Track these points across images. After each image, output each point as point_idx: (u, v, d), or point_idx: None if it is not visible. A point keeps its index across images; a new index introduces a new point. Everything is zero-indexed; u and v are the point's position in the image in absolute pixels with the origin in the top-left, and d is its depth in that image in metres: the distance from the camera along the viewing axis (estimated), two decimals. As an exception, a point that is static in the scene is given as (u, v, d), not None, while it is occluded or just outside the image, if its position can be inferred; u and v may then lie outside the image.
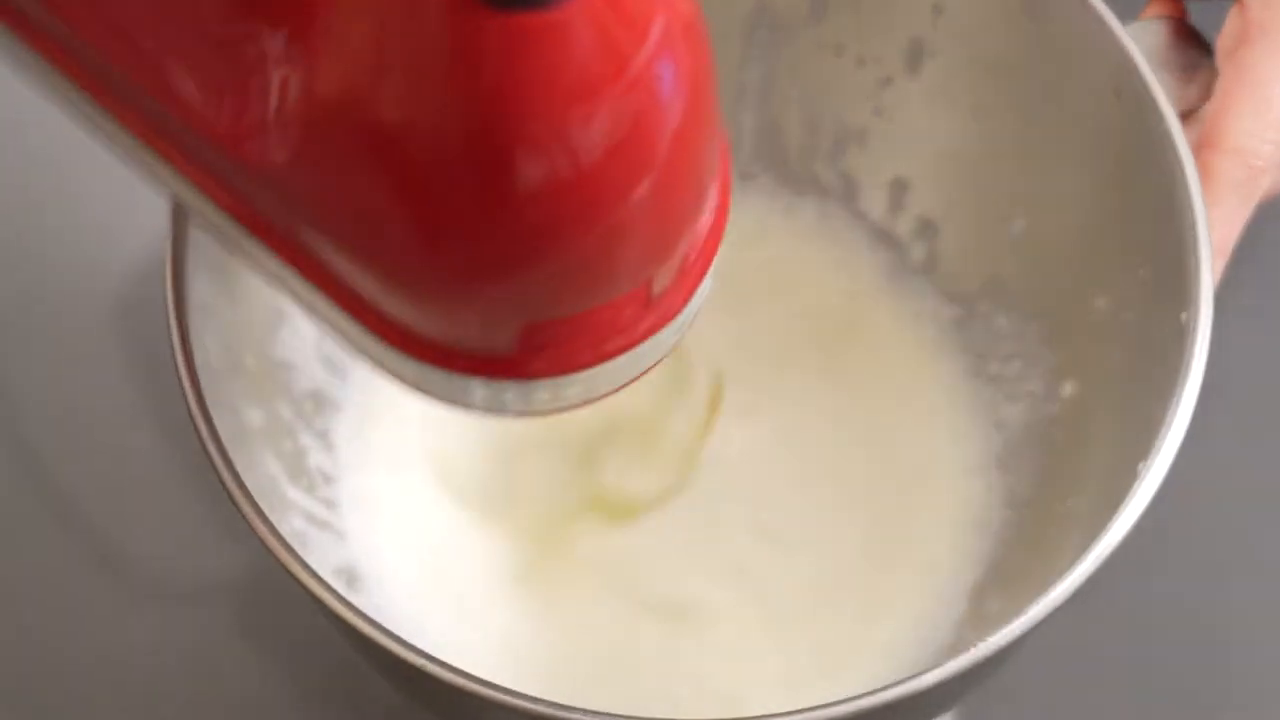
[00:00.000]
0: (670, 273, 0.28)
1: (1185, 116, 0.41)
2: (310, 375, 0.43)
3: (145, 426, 0.48)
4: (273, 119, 0.26)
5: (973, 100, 0.44)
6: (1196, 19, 0.43)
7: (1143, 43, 0.40)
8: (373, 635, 0.33)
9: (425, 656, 0.32)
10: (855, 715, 0.32)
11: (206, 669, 0.45)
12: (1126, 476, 0.35)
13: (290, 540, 0.33)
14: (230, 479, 0.34)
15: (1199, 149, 0.40)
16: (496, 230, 0.25)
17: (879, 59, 0.45)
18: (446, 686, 0.32)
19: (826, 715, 0.32)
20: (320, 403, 0.44)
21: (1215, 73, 0.42)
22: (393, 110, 0.24)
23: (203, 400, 0.35)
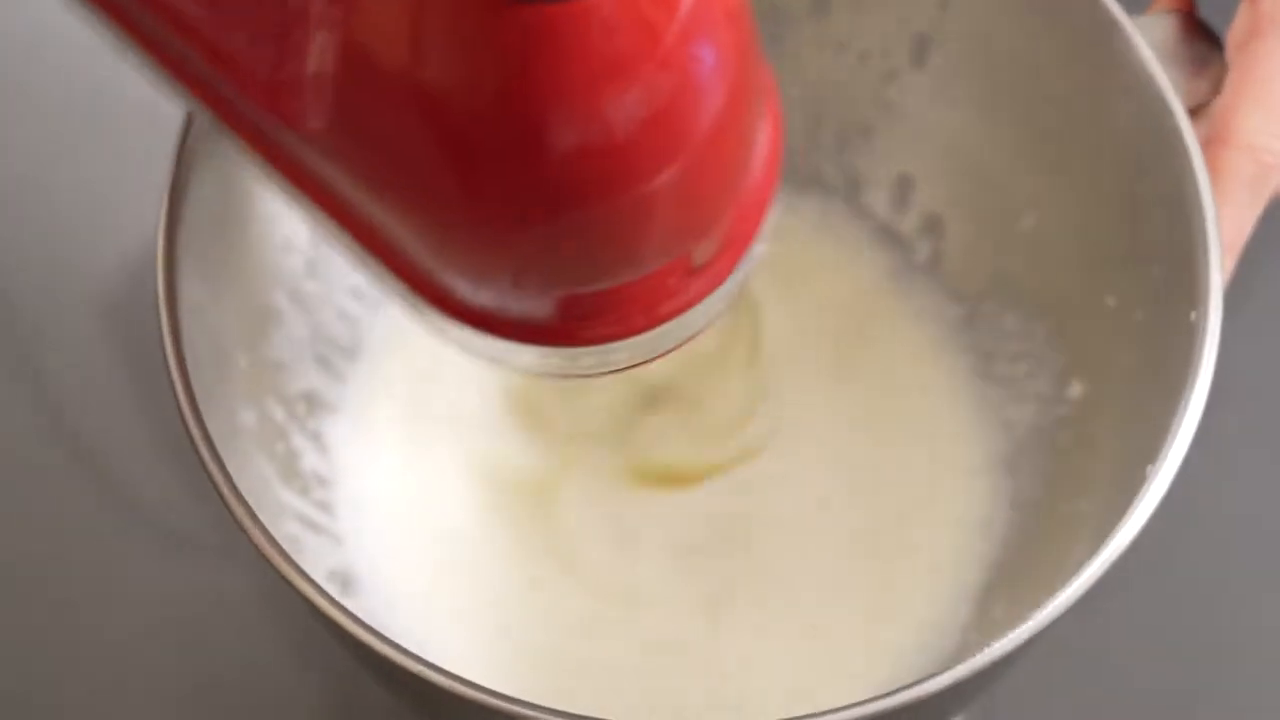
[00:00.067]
0: (712, 244, 0.29)
1: (1194, 112, 0.40)
2: (303, 375, 0.43)
3: (137, 426, 0.48)
4: (312, 77, 0.26)
5: (979, 95, 0.44)
6: (1206, 12, 0.43)
7: (1151, 36, 0.40)
8: (367, 640, 0.32)
9: (421, 662, 0.32)
10: (859, 722, 0.32)
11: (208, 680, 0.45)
12: (1134, 479, 0.35)
13: (284, 544, 0.33)
14: (223, 481, 0.34)
15: (1209, 145, 0.40)
16: (527, 198, 0.25)
17: (883, 53, 0.45)
18: (443, 693, 0.32)
19: (830, 722, 0.32)
20: (314, 403, 0.44)
21: (1225, 67, 0.42)
22: (426, 75, 0.24)
23: (194, 401, 0.35)
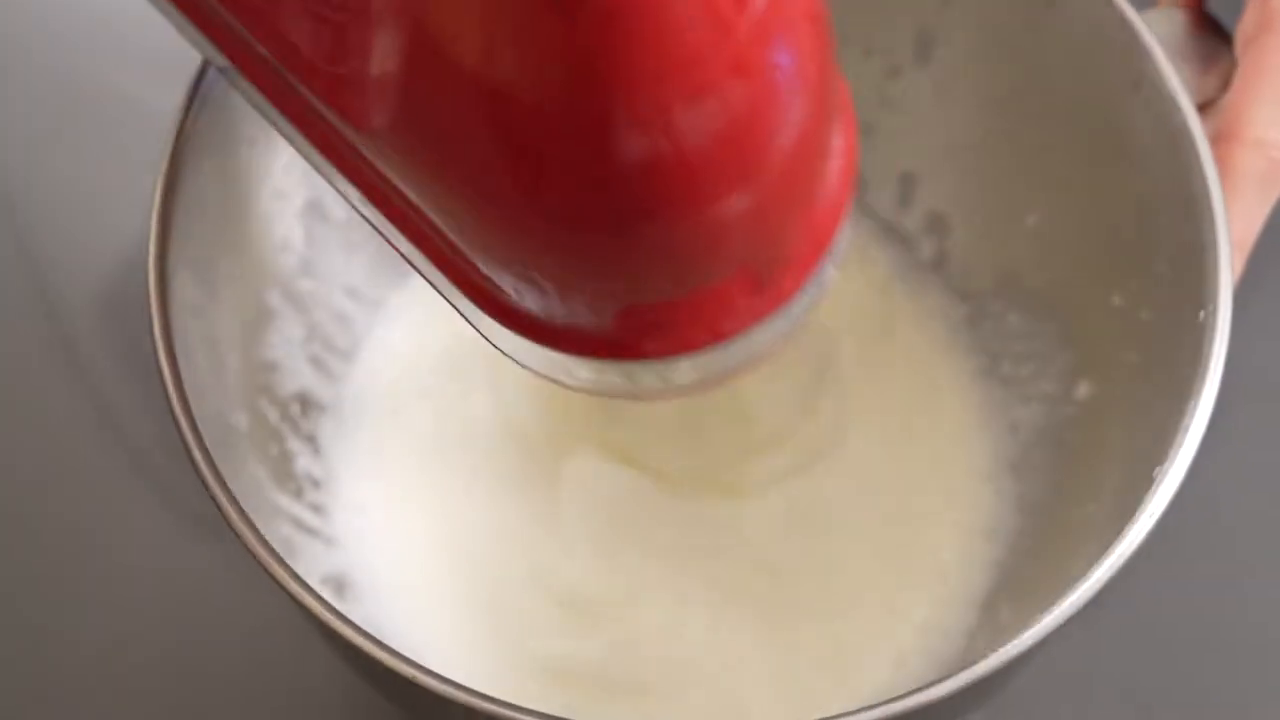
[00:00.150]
0: (779, 260, 0.28)
1: (1204, 108, 0.40)
2: (297, 376, 0.43)
3: (133, 426, 0.48)
4: (375, 75, 0.26)
5: (984, 91, 0.44)
6: (1215, 7, 0.43)
7: (1160, 31, 0.40)
8: (361, 645, 0.32)
9: (416, 667, 0.32)
10: (863, 728, 0.32)
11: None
12: (1142, 481, 0.35)
13: (277, 547, 0.33)
14: (215, 484, 0.34)
15: (1218, 141, 0.40)
16: (589, 201, 0.25)
17: (886, 49, 0.45)
18: (438, 698, 0.32)
19: (833, 728, 0.31)
20: (308, 405, 0.44)
21: (1235, 62, 0.42)
22: (487, 72, 0.24)
23: (186, 402, 0.35)
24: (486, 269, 0.28)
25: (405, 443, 0.45)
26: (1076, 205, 0.43)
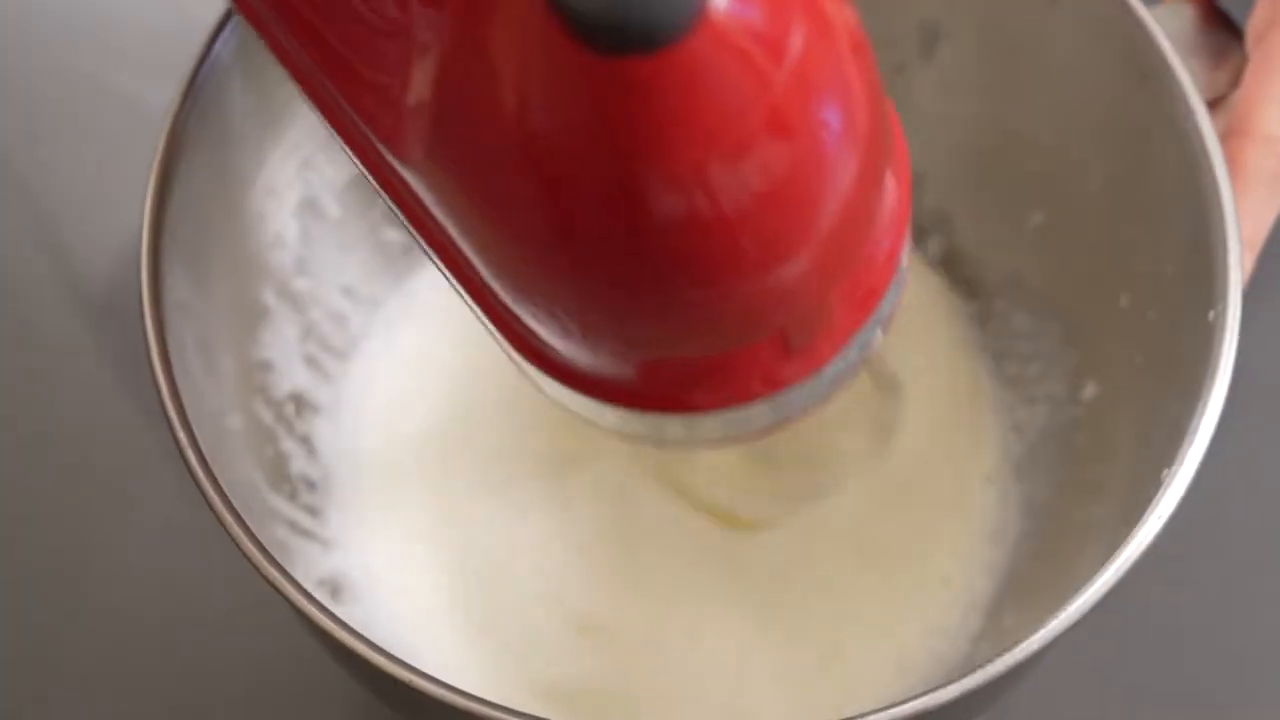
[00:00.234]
0: (816, 324, 0.27)
1: (1213, 104, 0.40)
2: (292, 376, 0.43)
3: (128, 425, 0.48)
4: (412, 107, 0.26)
5: (989, 87, 0.44)
6: (1226, 1, 0.43)
7: (1169, 26, 0.40)
8: (357, 648, 0.32)
9: (412, 670, 0.32)
10: (866, 733, 0.32)
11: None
12: (1150, 483, 0.34)
13: (272, 550, 0.33)
14: (209, 486, 0.34)
15: (1227, 138, 0.40)
16: (614, 252, 0.24)
17: (890, 44, 0.45)
18: (435, 701, 0.32)
19: (836, 733, 0.31)
20: (303, 406, 0.44)
21: (1245, 58, 0.42)
22: (518, 123, 0.23)
23: (180, 402, 0.35)
24: (516, 308, 0.27)
25: (403, 444, 0.45)
26: (1083, 203, 0.43)
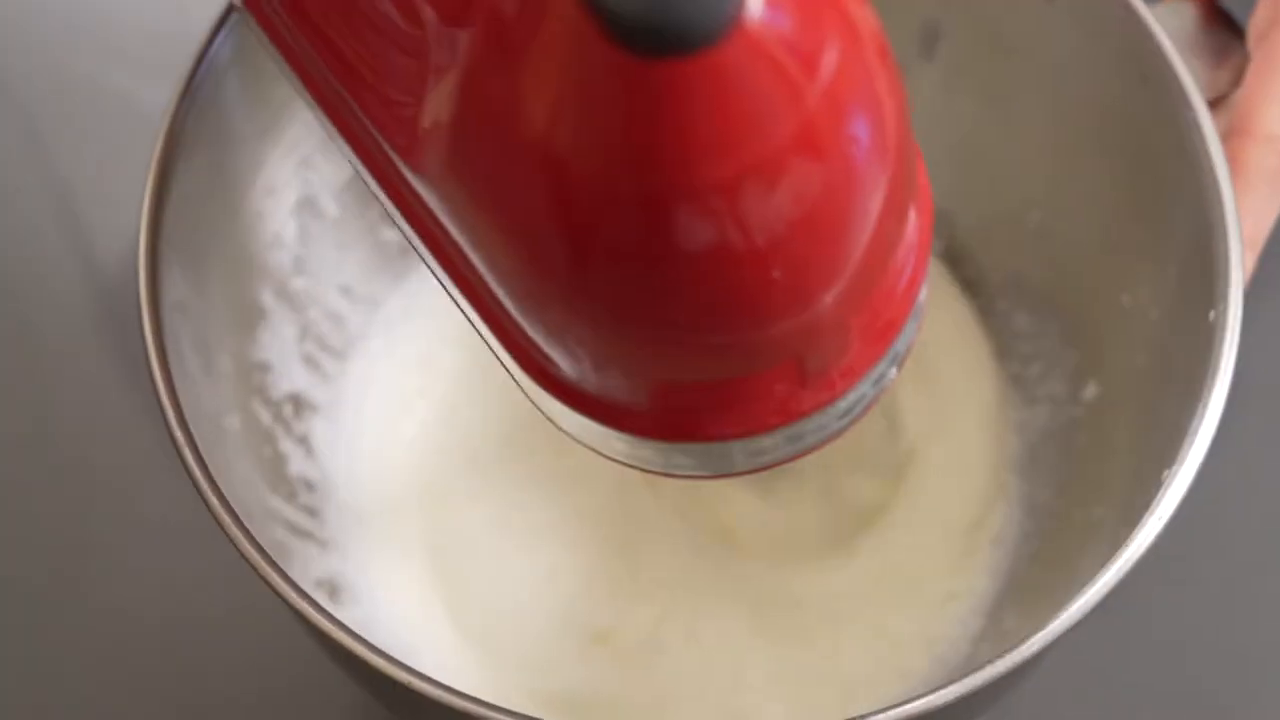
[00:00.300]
0: (831, 355, 0.27)
1: (1215, 103, 0.40)
2: (290, 377, 0.43)
3: (127, 426, 0.48)
4: (429, 122, 0.26)
5: (989, 86, 0.44)
6: (1227, 0, 0.43)
7: (1170, 25, 0.40)
8: (355, 649, 0.32)
9: (410, 672, 0.32)
10: (867, 734, 0.32)
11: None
12: (1151, 484, 0.34)
13: (270, 551, 0.33)
14: (207, 487, 0.34)
15: (1229, 137, 0.40)
16: (631, 271, 0.24)
17: (891, 44, 0.45)
18: (433, 703, 0.32)
19: (836, 735, 0.32)
20: (301, 406, 0.44)
21: (1247, 57, 0.42)
22: (540, 132, 0.23)
23: (178, 402, 0.35)
24: (527, 327, 0.27)
25: (401, 445, 0.45)
26: (1084, 203, 0.43)
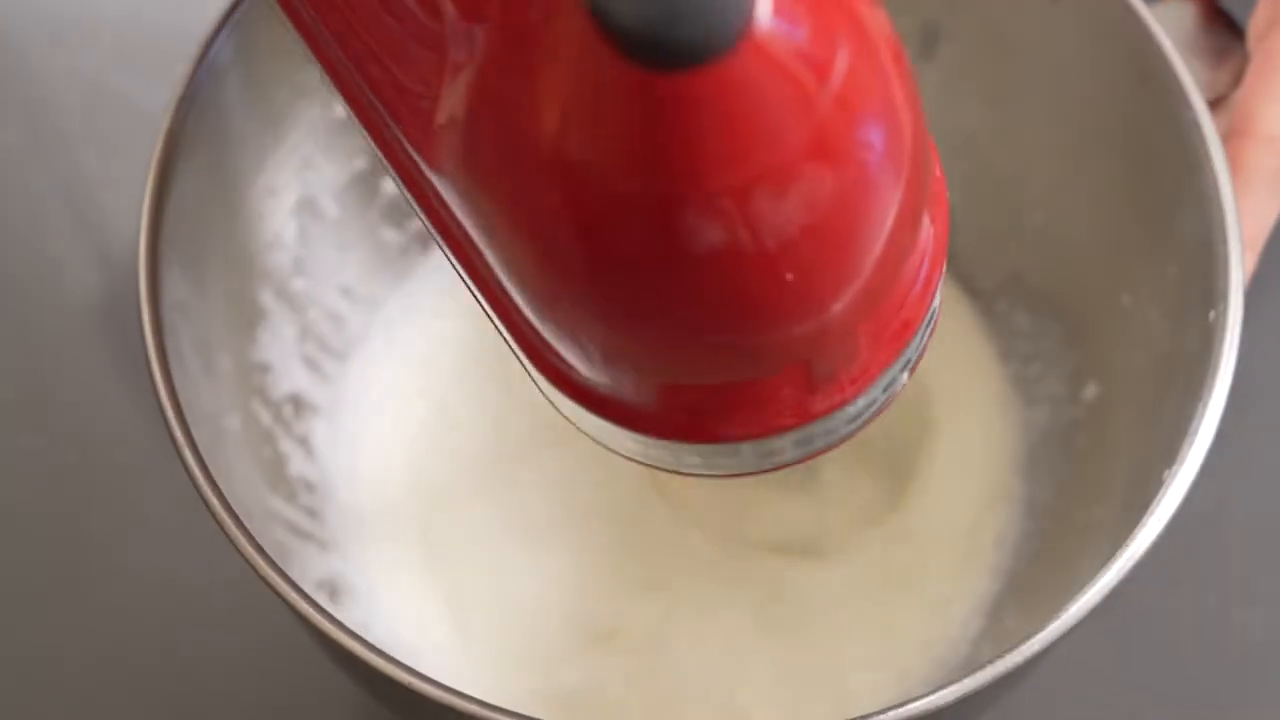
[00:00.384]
0: (841, 360, 0.27)
1: (1214, 104, 0.40)
2: (290, 377, 0.44)
3: (126, 426, 0.48)
4: (445, 119, 0.26)
5: (990, 87, 0.44)
6: (1227, 0, 0.43)
7: (1170, 26, 0.40)
8: (356, 650, 0.32)
9: (411, 673, 0.32)
10: (866, 735, 0.32)
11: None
12: (1151, 483, 0.34)
13: (271, 552, 0.33)
14: (207, 487, 0.34)
15: (1229, 137, 0.40)
16: (641, 275, 0.24)
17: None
18: (434, 704, 0.32)
19: (835, 735, 0.32)
20: (301, 406, 0.44)
21: (1246, 57, 0.42)
22: (550, 138, 0.23)
23: (178, 403, 0.35)
24: (539, 325, 0.27)
25: (402, 445, 0.45)
26: (1084, 203, 0.43)
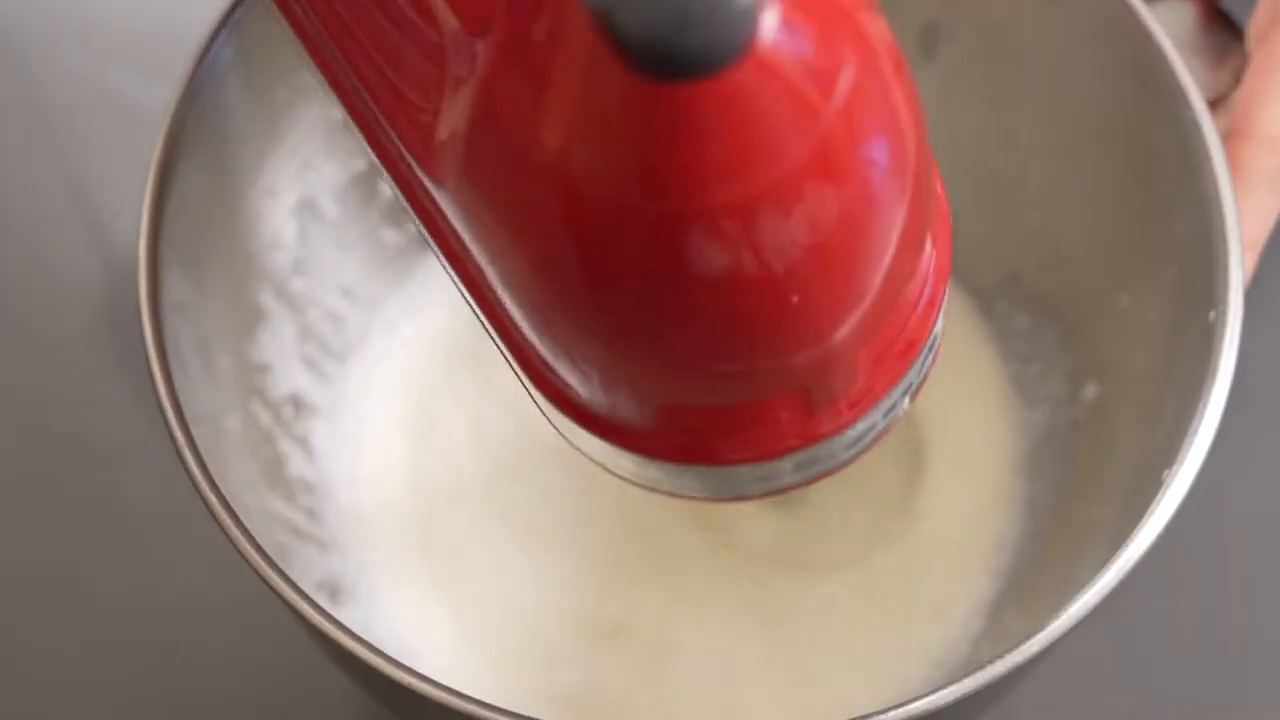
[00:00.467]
0: (840, 384, 0.27)
1: (1214, 104, 0.40)
2: (289, 377, 0.44)
3: (126, 426, 0.48)
4: (446, 133, 0.26)
5: (990, 87, 0.44)
6: (1227, 0, 0.43)
7: (1170, 26, 0.40)
8: (357, 651, 0.33)
9: (412, 674, 0.32)
10: (865, 735, 0.32)
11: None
12: (1151, 484, 0.35)
13: (271, 552, 0.34)
14: (207, 487, 0.34)
15: (1229, 137, 0.40)
16: (639, 292, 0.23)
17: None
18: (435, 705, 0.32)
19: (835, 735, 0.32)
20: (301, 407, 0.44)
21: (1246, 58, 0.42)
22: (550, 149, 0.23)
23: (178, 403, 0.35)
24: (534, 340, 0.27)
25: (402, 446, 0.45)
26: (1084, 204, 0.43)
